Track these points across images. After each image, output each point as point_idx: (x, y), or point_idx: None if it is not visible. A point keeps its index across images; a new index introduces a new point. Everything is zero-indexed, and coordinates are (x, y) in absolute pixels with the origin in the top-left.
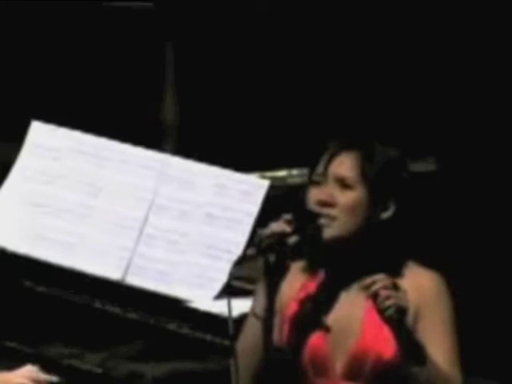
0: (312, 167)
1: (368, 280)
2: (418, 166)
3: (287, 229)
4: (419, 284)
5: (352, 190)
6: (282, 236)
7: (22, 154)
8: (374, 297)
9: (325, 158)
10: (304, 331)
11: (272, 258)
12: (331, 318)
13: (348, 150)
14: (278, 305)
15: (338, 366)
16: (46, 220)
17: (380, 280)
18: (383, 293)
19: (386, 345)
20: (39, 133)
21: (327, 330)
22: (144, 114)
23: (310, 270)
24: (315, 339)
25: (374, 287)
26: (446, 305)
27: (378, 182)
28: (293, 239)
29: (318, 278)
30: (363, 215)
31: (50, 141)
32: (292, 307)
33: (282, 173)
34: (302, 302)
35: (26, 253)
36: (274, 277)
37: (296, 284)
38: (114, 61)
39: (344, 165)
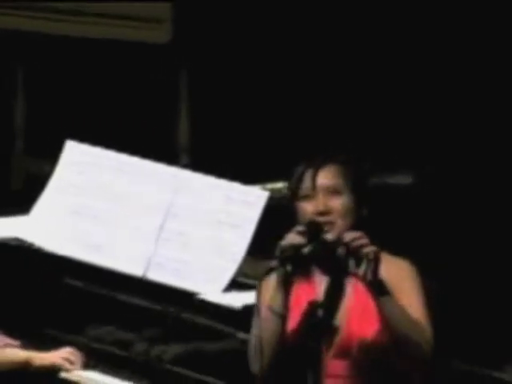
0: (295, 184)
1: (348, 237)
2: (396, 179)
3: (302, 240)
4: (392, 268)
5: (341, 196)
6: (299, 247)
7: (58, 169)
8: (356, 249)
9: (309, 174)
10: (317, 334)
11: (289, 267)
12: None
13: (327, 164)
14: None
15: (329, 345)
16: (79, 225)
17: (355, 236)
18: (361, 241)
19: (368, 328)
20: (73, 150)
21: (336, 330)
22: (162, 134)
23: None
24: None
25: (357, 242)
26: (415, 281)
27: (357, 185)
28: (307, 249)
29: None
30: (353, 216)
31: (82, 157)
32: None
33: (279, 184)
34: (310, 308)
35: (63, 253)
36: (290, 282)
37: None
38: (135, 88)
39: (329, 176)
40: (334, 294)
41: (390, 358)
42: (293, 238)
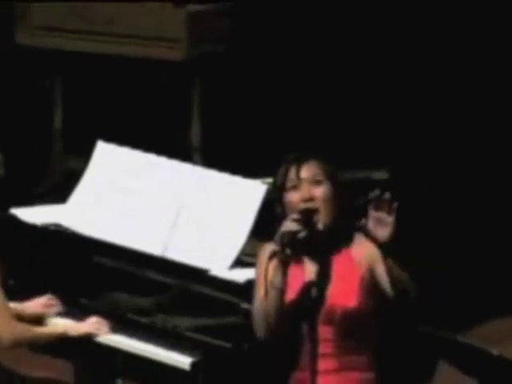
0: (282, 178)
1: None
2: (375, 174)
3: (297, 227)
4: (367, 243)
5: (321, 185)
6: (296, 233)
7: (91, 165)
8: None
9: (293, 167)
10: (312, 308)
11: (288, 250)
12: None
13: (309, 159)
14: None
15: (317, 314)
16: (107, 212)
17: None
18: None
19: (350, 299)
20: (103, 149)
21: (323, 302)
22: (177, 136)
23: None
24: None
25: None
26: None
27: (334, 176)
28: (301, 234)
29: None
30: (334, 202)
31: (110, 155)
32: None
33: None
34: (307, 287)
35: (94, 235)
36: (289, 262)
37: None
38: (156, 97)
39: (311, 169)
40: (325, 273)
41: (368, 323)
42: (289, 225)
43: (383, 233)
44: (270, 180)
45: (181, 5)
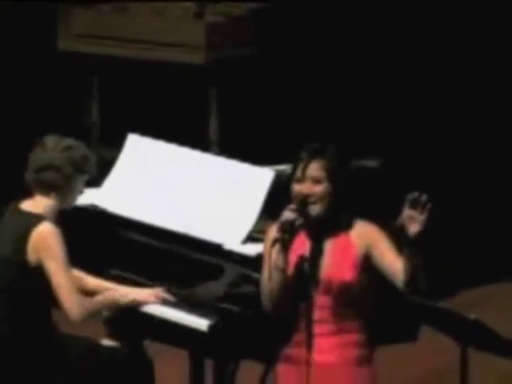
0: (292, 170)
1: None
2: (366, 163)
3: (294, 215)
4: (364, 230)
5: (321, 184)
6: (293, 222)
7: (123, 154)
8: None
9: (301, 164)
10: (304, 279)
11: (287, 236)
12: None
13: (316, 158)
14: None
15: (317, 285)
16: (137, 194)
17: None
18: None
19: (346, 273)
20: (134, 141)
21: (318, 275)
22: (197, 131)
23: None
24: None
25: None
26: (384, 235)
27: (334, 178)
28: (298, 222)
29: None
30: (330, 198)
31: (140, 145)
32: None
33: (282, 167)
34: (299, 261)
35: (126, 215)
36: (289, 246)
37: None
38: (179, 96)
39: (315, 169)
40: (316, 252)
41: (363, 293)
42: (288, 214)
43: (413, 228)
44: (277, 168)
45: (200, 16)
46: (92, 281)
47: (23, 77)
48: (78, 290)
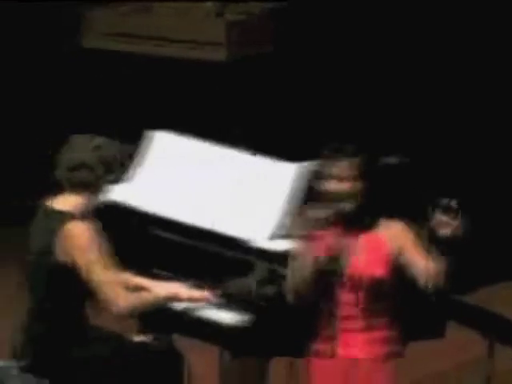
0: (318, 168)
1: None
2: (389, 160)
3: (324, 213)
4: (395, 229)
5: (349, 181)
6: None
7: (150, 151)
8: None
9: (328, 162)
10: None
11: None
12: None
13: (342, 159)
14: None
15: (345, 282)
16: (161, 190)
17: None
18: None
19: (376, 270)
20: (159, 138)
21: (346, 272)
22: (221, 127)
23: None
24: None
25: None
26: (411, 234)
27: (360, 176)
28: (328, 219)
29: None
30: (358, 195)
31: (165, 142)
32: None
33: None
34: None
35: (150, 211)
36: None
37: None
38: (201, 91)
39: (342, 168)
40: (347, 248)
41: (392, 290)
42: (318, 213)
43: (444, 231)
44: (302, 164)
45: (220, 15)
46: (134, 278)
47: (47, 74)
48: (121, 285)
